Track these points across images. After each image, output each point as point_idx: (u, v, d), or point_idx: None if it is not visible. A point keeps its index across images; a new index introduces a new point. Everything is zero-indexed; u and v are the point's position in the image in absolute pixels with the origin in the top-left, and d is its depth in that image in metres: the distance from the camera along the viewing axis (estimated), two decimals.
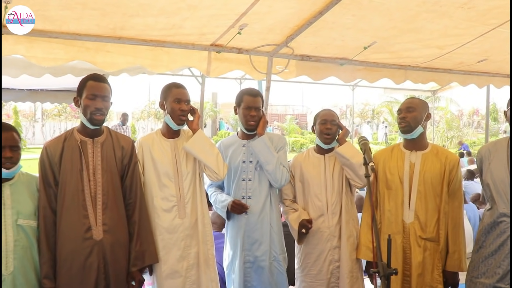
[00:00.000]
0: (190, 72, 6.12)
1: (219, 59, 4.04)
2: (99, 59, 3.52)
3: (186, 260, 2.81)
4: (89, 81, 2.49)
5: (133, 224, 2.62)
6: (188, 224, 2.82)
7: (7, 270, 2.35)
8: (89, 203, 2.49)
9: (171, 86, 2.84)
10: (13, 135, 2.40)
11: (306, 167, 3.15)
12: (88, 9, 3.01)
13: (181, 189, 2.82)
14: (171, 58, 3.80)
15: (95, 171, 2.52)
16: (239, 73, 8.43)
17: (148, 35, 3.57)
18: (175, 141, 2.88)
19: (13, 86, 5.86)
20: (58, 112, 27.64)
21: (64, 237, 2.46)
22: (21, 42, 3.21)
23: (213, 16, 3.38)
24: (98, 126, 2.53)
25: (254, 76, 4.31)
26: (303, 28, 3.72)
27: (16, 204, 2.41)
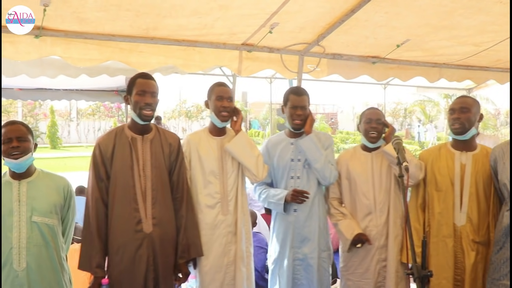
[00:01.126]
0: (221, 72, 6.15)
1: (250, 58, 4.04)
2: (133, 59, 3.58)
3: (227, 256, 2.88)
4: (138, 78, 2.61)
5: (181, 218, 2.71)
6: (230, 221, 2.89)
7: (20, 266, 2.43)
8: (139, 197, 2.58)
9: (214, 85, 2.94)
10: (19, 127, 2.50)
11: (352, 164, 3.13)
12: (123, 10, 3.07)
13: (225, 187, 2.89)
14: (202, 58, 3.84)
15: (145, 166, 2.62)
16: (269, 72, 8.41)
17: (180, 35, 3.61)
18: (222, 139, 2.96)
19: (50, 86, 6.02)
20: (92, 111, 28.28)
21: (116, 229, 2.56)
22: (58, 43, 3.30)
23: (244, 15, 3.39)
24: (147, 122, 2.63)
25: (285, 75, 4.30)
26: (335, 26, 3.68)
27: (31, 201, 2.48)
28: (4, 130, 2.45)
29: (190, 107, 30.94)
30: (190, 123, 30.24)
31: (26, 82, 5.17)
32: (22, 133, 2.48)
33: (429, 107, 28.30)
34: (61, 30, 3.25)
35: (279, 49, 4.08)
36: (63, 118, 27.46)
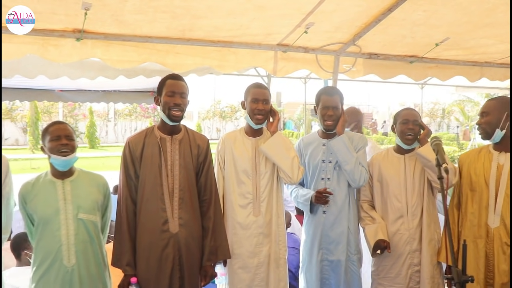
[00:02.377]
0: (256, 72, 6.17)
1: (285, 59, 4.03)
2: (169, 60, 3.64)
3: (257, 257, 2.87)
4: (168, 79, 2.64)
5: (208, 220, 2.71)
6: (262, 222, 2.89)
7: (69, 262, 2.50)
8: (166, 197, 2.60)
9: (251, 87, 2.95)
10: (67, 127, 2.59)
11: (385, 166, 3.08)
12: (159, 13, 3.12)
13: (258, 187, 2.89)
14: (238, 58, 3.85)
15: (173, 167, 2.64)
16: (303, 73, 8.38)
17: (216, 36, 3.64)
18: (257, 140, 2.97)
19: (89, 88, 6.17)
20: (129, 112, 28.90)
21: (143, 228, 2.59)
22: (98, 46, 3.39)
23: (279, 15, 3.38)
24: (176, 122, 2.65)
25: (321, 75, 4.27)
26: (371, 25, 3.63)
27: (76, 199, 2.55)
28: (52, 128, 2.54)
29: (224, 107, 31.16)
30: (224, 123, 30.45)
31: (67, 84, 5.32)
32: (70, 132, 2.57)
33: (469, 107, 27.50)
34: (101, 32, 3.33)
35: (314, 49, 4.06)
36: (101, 119, 28.17)
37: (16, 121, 25.54)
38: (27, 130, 24.11)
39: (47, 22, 3.08)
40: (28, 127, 23.68)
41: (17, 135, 25.30)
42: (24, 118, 25.09)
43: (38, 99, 6.57)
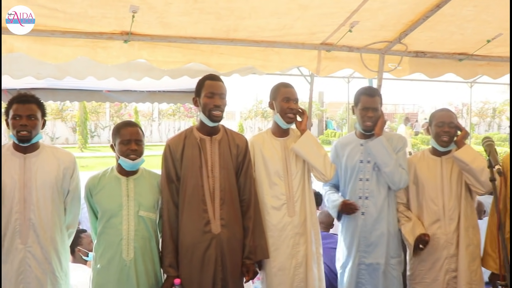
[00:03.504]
0: (299, 72, 6.13)
1: (329, 58, 3.99)
2: (213, 60, 3.67)
3: (295, 258, 2.85)
4: (206, 80, 2.65)
5: (248, 220, 2.72)
6: (297, 223, 2.86)
7: (128, 256, 2.57)
8: (208, 198, 2.62)
9: (280, 86, 2.91)
10: (138, 130, 2.64)
11: (420, 169, 3.00)
12: (204, 14, 3.16)
13: (291, 188, 2.87)
14: (281, 58, 3.85)
15: (213, 167, 2.66)
16: (346, 72, 8.26)
17: (259, 36, 3.64)
18: (285, 140, 2.94)
19: (135, 88, 6.32)
20: (172, 112, 29.40)
21: (186, 229, 2.62)
22: (145, 47, 3.47)
23: (323, 14, 3.35)
24: (216, 123, 2.66)
25: (365, 74, 4.20)
26: (418, 23, 3.54)
27: (138, 197, 2.62)
28: (124, 131, 2.62)
29: (266, 107, 31.17)
30: (266, 123, 30.47)
31: (113, 84, 5.47)
32: (140, 136, 2.65)
33: None
34: (147, 34, 3.41)
35: (358, 48, 4.00)
36: (146, 118, 28.79)
37: (66, 121, 26.52)
38: (76, 130, 24.99)
39: (97, 25, 3.19)
40: (77, 127, 24.54)
41: (67, 134, 26.26)
42: (73, 118, 26.01)
43: (87, 100, 6.78)
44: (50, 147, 2.79)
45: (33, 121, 2.58)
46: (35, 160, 2.64)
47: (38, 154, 2.67)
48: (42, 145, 2.72)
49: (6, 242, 2.56)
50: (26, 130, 2.55)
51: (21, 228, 2.57)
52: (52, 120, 25.53)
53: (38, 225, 2.59)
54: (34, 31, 3.11)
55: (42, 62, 3.50)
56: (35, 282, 2.58)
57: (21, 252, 2.56)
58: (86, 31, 3.24)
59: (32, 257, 2.58)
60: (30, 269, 2.57)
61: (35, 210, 2.59)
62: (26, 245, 2.57)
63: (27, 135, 2.56)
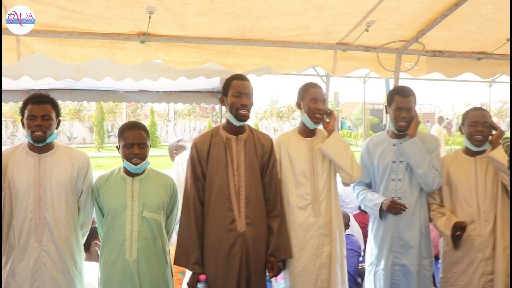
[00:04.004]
0: (314, 72, 6.12)
1: (345, 58, 3.97)
2: (229, 61, 3.68)
3: (319, 258, 2.84)
4: (233, 80, 2.67)
5: (273, 219, 2.74)
6: (322, 223, 2.86)
7: (131, 257, 2.59)
8: (233, 196, 2.64)
9: (308, 86, 2.91)
10: (141, 133, 2.64)
11: (454, 169, 2.96)
12: (220, 14, 3.17)
13: (316, 188, 2.87)
14: (297, 58, 3.84)
15: (239, 166, 2.68)
16: (362, 72, 8.22)
17: (275, 36, 3.64)
18: (312, 140, 2.94)
19: (151, 89, 6.36)
20: (188, 112, 29.55)
21: (211, 227, 2.64)
22: (161, 48, 3.50)
23: (339, 14, 3.34)
24: (243, 122, 2.68)
25: (381, 74, 4.17)
26: (436, 22, 3.49)
27: (142, 197, 2.64)
28: (127, 134, 2.63)
29: (281, 107, 31.17)
30: (282, 123, 30.45)
31: (130, 85, 5.51)
32: (144, 139, 2.65)
33: None
34: (164, 35, 3.43)
35: (375, 47, 3.96)
36: (162, 119, 28.99)
37: (83, 121, 26.85)
38: (93, 130, 25.28)
39: (115, 26, 3.22)
40: (94, 127, 24.81)
41: (84, 134, 26.59)
42: (90, 118, 26.32)
43: (104, 100, 6.85)
44: (64, 147, 2.82)
45: (48, 121, 2.60)
46: (50, 160, 2.68)
47: (53, 154, 2.70)
48: (56, 145, 2.75)
49: (22, 240, 2.59)
50: (41, 131, 2.57)
51: (36, 227, 2.60)
52: (69, 120, 25.89)
53: (53, 224, 2.63)
54: (54, 33, 3.18)
55: (60, 63, 3.55)
56: (50, 281, 2.61)
57: (36, 251, 2.60)
58: (104, 32, 3.28)
59: (47, 255, 2.61)
60: (45, 268, 2.60)
61: (50, 209, 2.63)
62: (41, 244, 2.61)
63: (41, 135, 2.59)
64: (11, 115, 24.97)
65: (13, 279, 2.58)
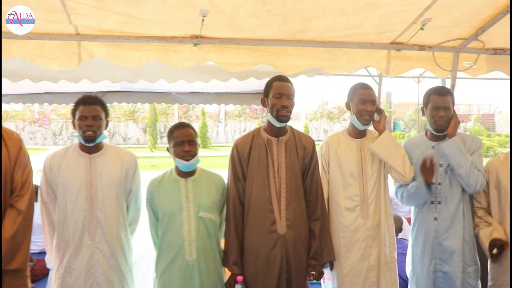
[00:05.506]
0: (366, 72, 6.00)
1: (399, 58, 3.87)
2: (280, 62, 3.68)
3: (367, 260, 2.80)
4: (275, 81, 2.67)
5: (314, 222, 2.71)
6: (370, 225, 2.81)
7: (191, 257, 2.63)
8: (274, 198, 2.64)
9: (357, 87, 2.88)
10: (190, 131, 2.70)
11: (503, 172, 2.83)
12: (272, 16, 3.18)
13: (365, 189, 2.83)
14: (349, 59, 3.78)
15: (280, 168, 2.67)
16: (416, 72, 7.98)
17: (327, 37, 3.61)
18: (361, 141, 2.90)
19: (203, 90, 6.48)
20: (238, 113, 29.83)
21: (251, 229, 2.66)
22: (213, 50, 3.54)
23: (393, 13, 3.26)
24: (283, 124, 2.68)
25: (437, 74, 4.02)
26: (497, 18, 3.33)
27: (197, 198, 2.68)
28: (176, 133, 2.71)
29: (332, 108, 30.86)
30: (332, 124, 30.14)
31: (182, 87, 5.63)
32: (193, 137, 2.72)
33: None
34: (216, 37, 3.48)
35: (431, 46, 3.83)
36: (213, 120, 29.43)
37: (137, 122, 27.72)
38: (146, 130, 26.05)
39: (169, 29, 3.31)
40: (148, 128, 25.57)
41: (138, 135, 27.45)
42: (144, 119, 27.13)
43: (157, 102, 7.03)
44: (112, 147, 2.92)
45: (98, 121, 2.72)
46: (100, 160, 2.78)
47: (102, 154, 2.81)
48: (105, 145, 2.86)
49: (77, 238, 2.71)
50: (91, 130, 2.69)
51: (89, 225, 2.71)
52: (124, 121, 26.82)
53: (105, 223, 2.73)
54: (112, 37, 3.31)
55: (117, 66, 3.68)
56: (103, 277, 2.71)
57: (90, 248, 2.71)
58: (159, 36, 3.37)
59: (100, 253, 2.72)
60: (98, 264, 2.71)
61: (101, 208, 2.73)
62: (94, 242, 2.71)
63: (92, 135, 2.70)
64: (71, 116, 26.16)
65: (69, 274, 2.70)
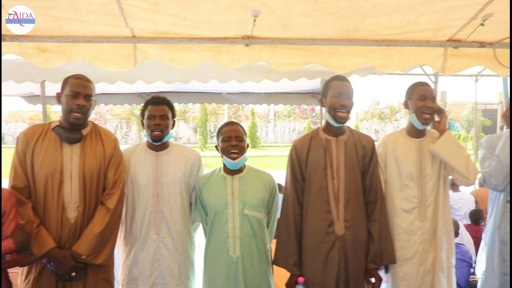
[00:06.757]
0: (421, 71, 5.82)
1: (456, 55, 3.71)
2: (332, 61, 3.64)
3: (423, 264, 2.72)
4: (333, 81, 2.66)
5: (373, 223, 2.66)
6: (428, 228, 2.73)
7: (235, 253, 2.66)
8: (332, 199, 2.62)
9: (416, 85, 2.82)
10: (238, 128, 2.77)
11: None
12: (324, 15, 3.14)
13: (424, 191, 2.75)
14: (403, 57, 3.68)
15: (338, 168, 2.65)
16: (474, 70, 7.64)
17: (380, 35, 3.53)
18: (421, 141, 2.82)
19: (253, 90, 6.52)
20: (287, 113, 29.82)
21: (309, 229, 2.64)
22: (265, 50, 3.55)
23: (451, 8, 3.13)
24: (342, 124, 2.65)
25: (498, 71, 3.83)
26: None
27: (242, 195, 2.71)
28: (225, 129, 2.78)
29: (383, 108, 30.21)
30: (383, 124, 29.51)
31: (233, 87, 5.69)
32: (240, 133, 2.77)
33: None
34: (268, 37, 3.48)
35: (491, 43, 3.66)
36: (262, 120, 29.60)
37: (188, 122, 28.32)
38: (197, 130, 26.55)
39: (221, 30, 3.35)
40: (198, 127, 26.07)
41: (188, 134, 28.04)
42: (195, 119, 27.69)
43: (208, 102, 7.15)
44: (178, 145, 3.01)
45: (165, 121, 2.82)
46: (166, 158, 2.87)
47: (168, 152, 2.90)
48: (171, 144, 2.95)
49: (143, 232, 2.81)
50: (159, 130, 2.78)
51: (155, 220, 2.81)
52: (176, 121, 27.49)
53: (169, 218, 2.82)
54: (165, 39, 3.39)
55: (170, 67, 3.76)
56: (167, 271, 2.80)
57: (155, 242, 2.80)
58: (211, 37, 3.42)
59: (164, 247, 2.80)
60: (163, 258, 2.80)
61: (167, 204, 2.82)
62: (160, 236, 2.81)
63: (159, 135, 2.79)
64: (125, 116, 27.14)
65: (136, 267, 2.82)
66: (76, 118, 2.57)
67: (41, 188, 2.57)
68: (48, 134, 2.63)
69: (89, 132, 2.70)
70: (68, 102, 2.57)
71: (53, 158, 2.58)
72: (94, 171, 2.64)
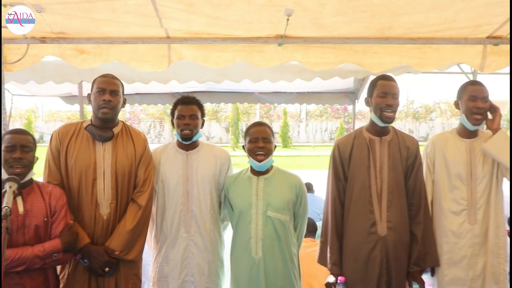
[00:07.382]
0: (458, 69, 5.66)
1: (497, 53, 3.59)
2: (366, 60, 3.59)
3: (472, 269, 2.64)
4: (379, 80, 2.64)
5: (417, 225, 2.62)
6: (478, 231, 2.65)
7: (257, 255, 2.66)
8: (375, 199, 2.59)
9: (467, 84, 2.76)
10: (265, 129, 2.74)
11: None
12: (358, 12, 3.10)
13: (474, 193, 2.67)
14: (440, 55, 3.59)
15: (382, 168, 2.62)
16: None
17: (416, 33, 3.45)
18: (472, 141, 2.74)
19: (285, 90, 6.49)
20: (320, 113, 29.60)
21: (351, 229, 2.63)
22: (298, 49, 3.54)
23: (492, 4, 3.02)
24: (387, 124, 2.62)
25: None
26: None
27: (266, 196, 2.69)
28: (252, 130, 2.78)
29: (418, 107, 29.59)
30: (418, 124, 28.89)
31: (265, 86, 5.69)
32: (267, 134, 2.75)
33: None
34: (301, 37, 3.47)
35: None
36: (294, 119, 29.47)
37: (220, 121, 28.50)
38: (229, 130, 26.69)
39: (254, 30, 3.35)
40: (230, 127, 26.20)
41: (220, 134, 28.22)
42: (227, 118, 27.84)
43: (240, 101, 7.18)
44: (208, 145, 3.03)
45: (195, 120, 2.84)
46: (196, 157, 2.90)
47: (198, 151, 2.92)
48: (201, 143, 2.97)
49: (174, 230, 2.85)
50: (188, 129, 2.81)
51: (185, 218, 2.84)
52: (208, 120, 27.65)
53: (199, 216, 2.84)
54: (199, 39, 3.42)
55: (204, 67, 3.80)
56: (196, 268, 2.83)
57: (185, 240, 2.83)
58: (244, 37, 3.43)
59: (194, 245, 2.83)
60: (193, 256, 2.83)
61: (196, 203, 2.85)
62: (189, 234, 2.84)
63: (189, 134, 2.82)
64: (159, 116, 27.56)
65: (166, 264, 2.86)
66: (104, 113, 2.63)
67: (75, 186, 2.64)
68: (81, 133, 2.70)
69: (120, 131, 2.76)
70: (96, 99, 2.63)
71: (87, 156, 2.65)
72: (125, 169, 2.69)
